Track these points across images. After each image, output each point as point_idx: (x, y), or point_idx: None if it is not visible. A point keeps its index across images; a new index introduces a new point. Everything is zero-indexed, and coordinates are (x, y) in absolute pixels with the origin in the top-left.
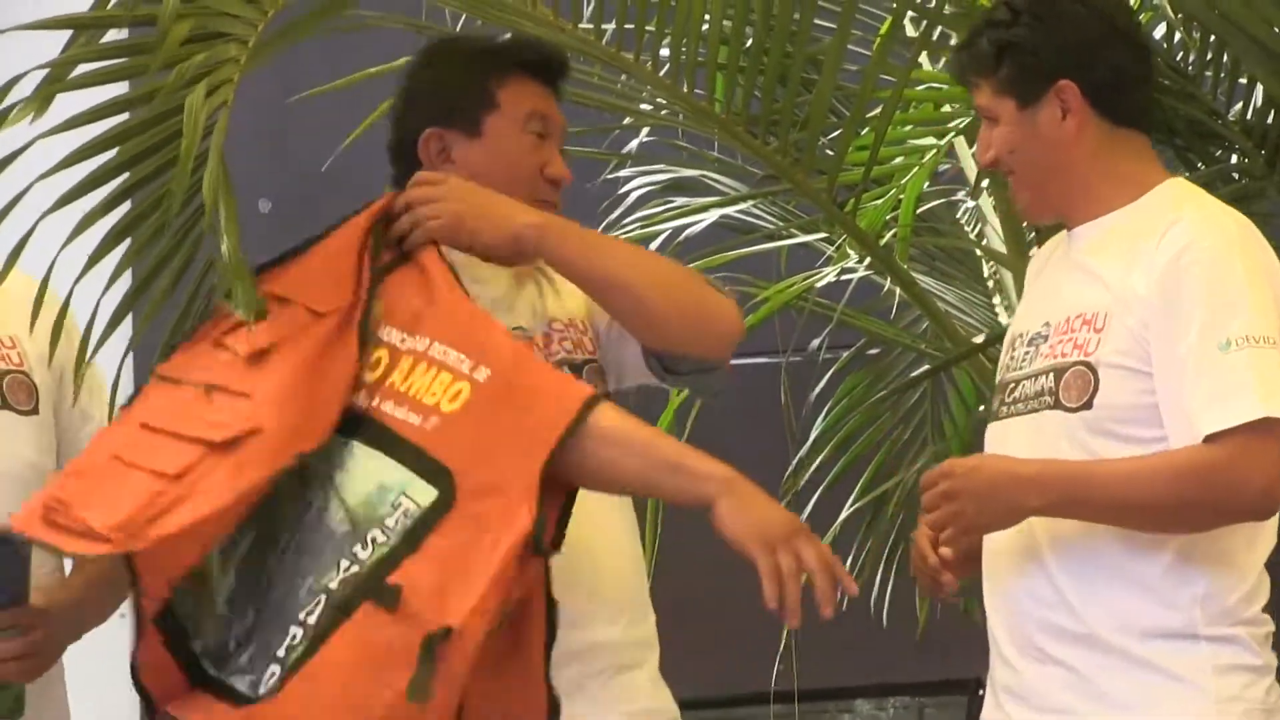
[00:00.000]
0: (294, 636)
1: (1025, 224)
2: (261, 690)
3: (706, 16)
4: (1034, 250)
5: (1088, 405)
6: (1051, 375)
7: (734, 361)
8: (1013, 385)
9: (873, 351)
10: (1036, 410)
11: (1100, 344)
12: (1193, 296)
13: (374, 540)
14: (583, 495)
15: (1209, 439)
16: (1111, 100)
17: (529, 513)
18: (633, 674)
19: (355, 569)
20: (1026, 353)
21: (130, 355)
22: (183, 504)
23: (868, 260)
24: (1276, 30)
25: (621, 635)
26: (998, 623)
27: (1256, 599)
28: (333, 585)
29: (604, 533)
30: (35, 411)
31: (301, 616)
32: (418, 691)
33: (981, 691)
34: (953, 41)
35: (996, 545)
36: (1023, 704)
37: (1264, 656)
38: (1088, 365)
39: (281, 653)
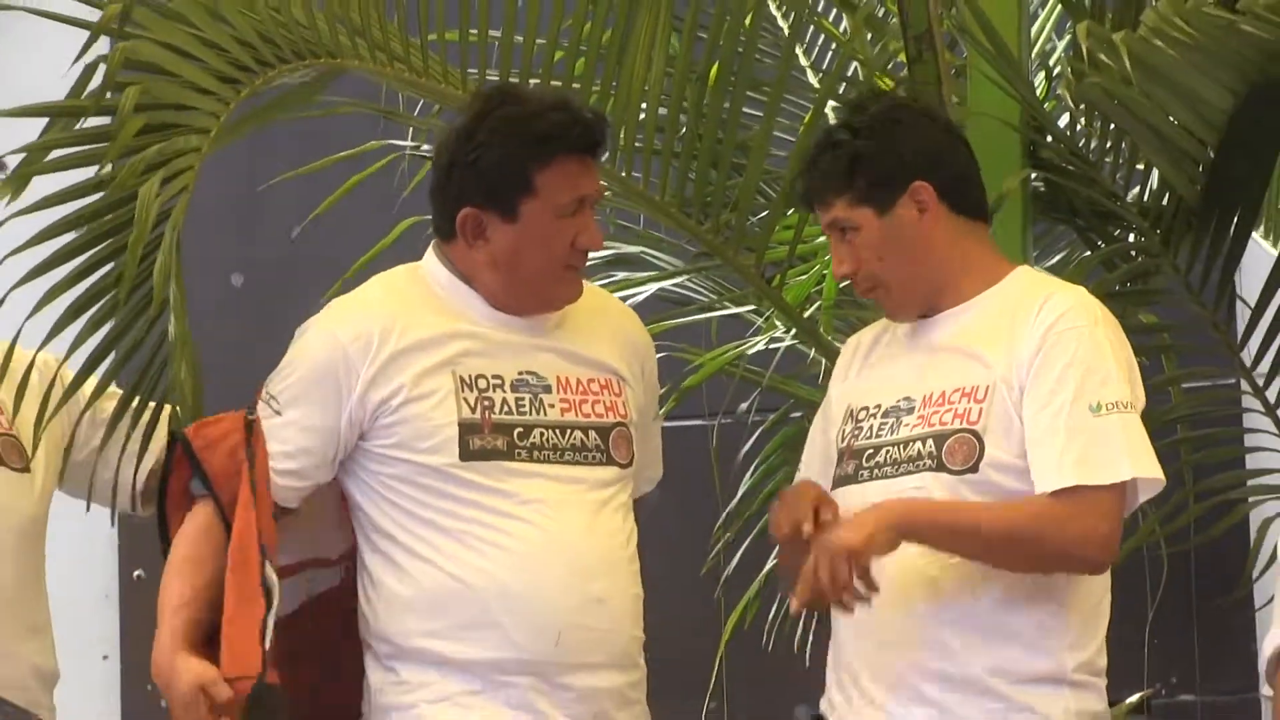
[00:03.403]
0: None
1: None
2: None
3: (643, 106)
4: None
5: (973, 469)
6: (931, 441)
7: (671, 423)
8: (871, 451)
9: (796, 415)
10: (913, 472)
11: (984, 414)
12: (1067, 360)
13: None
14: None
15: (1071, 490)
16: (961, 194)
17: None
18: None
19: None
20: (884, 423)
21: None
22: None
23: (794, 331)
24: (1171, 119)
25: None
26: (860, 663)
27: (1104, 653)
28: None
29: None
30: (27, 470)
31: None
32: None
33: None
34: None
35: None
36: None
37: (1104, 704)
38: (972, 433)
39: None
